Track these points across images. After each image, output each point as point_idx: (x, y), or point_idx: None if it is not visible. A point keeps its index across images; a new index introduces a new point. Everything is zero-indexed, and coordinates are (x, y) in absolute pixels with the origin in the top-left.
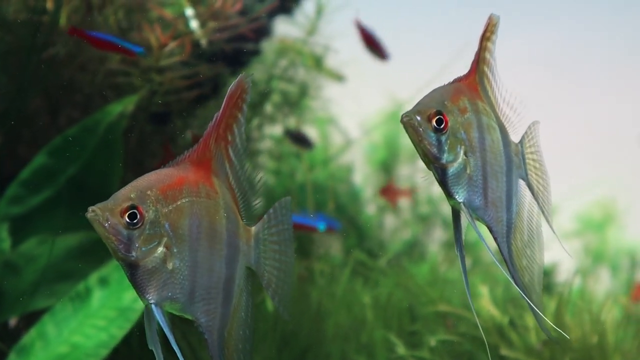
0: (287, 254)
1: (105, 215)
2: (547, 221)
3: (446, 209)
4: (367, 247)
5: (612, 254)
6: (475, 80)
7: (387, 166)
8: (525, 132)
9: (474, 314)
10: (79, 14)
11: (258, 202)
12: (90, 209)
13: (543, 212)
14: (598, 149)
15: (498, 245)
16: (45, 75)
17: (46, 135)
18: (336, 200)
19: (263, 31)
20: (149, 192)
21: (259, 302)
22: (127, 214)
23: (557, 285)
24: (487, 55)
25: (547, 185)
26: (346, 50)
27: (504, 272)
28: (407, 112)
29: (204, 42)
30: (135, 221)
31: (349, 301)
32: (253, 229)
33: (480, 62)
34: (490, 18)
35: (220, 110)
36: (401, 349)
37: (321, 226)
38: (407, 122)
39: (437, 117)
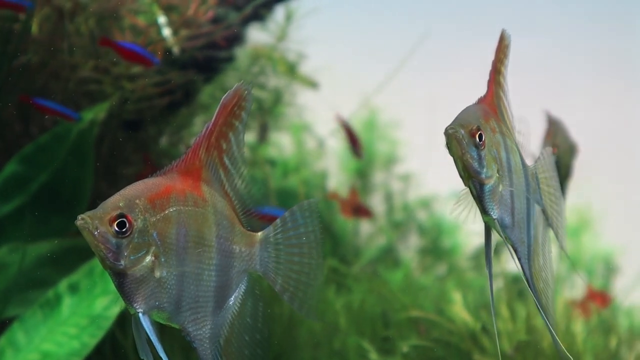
0: (311, 256)
1: (95, 223)
2: (562, 246)
3: (421, 215)
4: (341, 253)
5: (587, 260)
6: (494, 102)
7: (361, 173)
8: (538, 158)
9: (495, 331)
10: (51, 22)
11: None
12: (79, 217)
13: (557, 237)
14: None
15: (521, 266)
16: (17, 84)
17: (18, 144)
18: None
19: (236, 38)
20: (137, 201)
21: None
22: (116, 223)
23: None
24: (501, 79)
25: (562, 211)
26: (318, 56)
27: (532, 294)
28: (452, 125)
29: (176, 49)
30: (124, 230)
31: (322, 307)
32: (260, 233)
33: (496, 85)
34: (501, 37)
35: (212, 120)
36: (374, 355)
37: None
38: (453, 134)
39: (479, 132)
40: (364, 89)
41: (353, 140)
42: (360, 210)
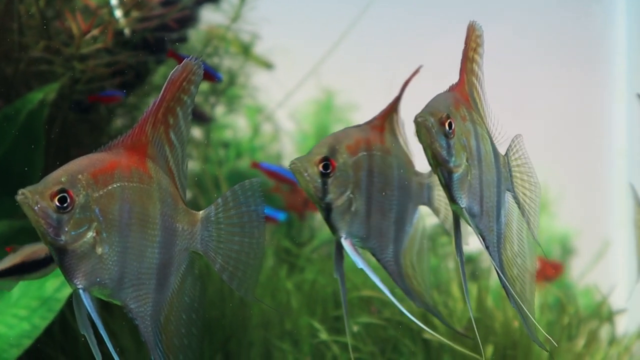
0: (252, 236)
1: (35, 198)
2: (532, 233)
3: None
4: (295, 235)
5: (544, 242)
6: (466, 90)
7: None
8: (510, 146)
9: (471, 313)
10: (2, 3)
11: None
12: (20, 191)
13: (529, 225)
14: (530, 137)
15: (490, 254)
16: None
17: None
18: (265, 187)
19: (189, 19)
20: (79, 176)
21: None
22: (57, 198)
23: (485, 271)
24: (475, 67)
25: (536, 198)
26: (273, 38)
27: (502, 282)
28: (421, 113)
29: (127, 31)
30: (65, 205)
31: (274, 288)
32: (201, 212)
33: (468, 73)
34: (470, 28)
35: (160, 95)
36: (324, 335)
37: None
38: (422, 122)
39: (449, 120)
40: (320, 70)
41: (281, 178)
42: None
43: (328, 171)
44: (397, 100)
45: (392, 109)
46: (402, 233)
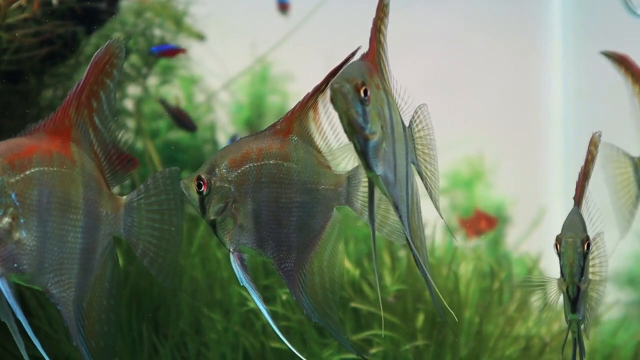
0: (171, 223)
1: None
2: (436, 207)
3: None
4: None
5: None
6: (376, 60)
7: (251, 125)
8: (413, 117)
9: (377, 285)
10: None
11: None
12: None
13: (431, 197)
14: (466, 108)
15: (402, 224)
16: None
17: None
18: (201, 160)
19: None
20: None
21: None
22: None
23: None
24: (382, 38)
25: (436, 171)
26: (208, 8)
27: (411, 250)
28: (336, 79)
29: (55, 0)
30: None
31: (204, 257)
32: (124, 197)
33: (377, 43)
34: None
35: (83, 78)
36: (253, 304)
37: None
38: (338, 89)
39: (364, 87)
40: (255, 40)
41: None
42: None
43: (201, 190)
44: (312, 97)
45: (302, 108)
46: (308, 239)
